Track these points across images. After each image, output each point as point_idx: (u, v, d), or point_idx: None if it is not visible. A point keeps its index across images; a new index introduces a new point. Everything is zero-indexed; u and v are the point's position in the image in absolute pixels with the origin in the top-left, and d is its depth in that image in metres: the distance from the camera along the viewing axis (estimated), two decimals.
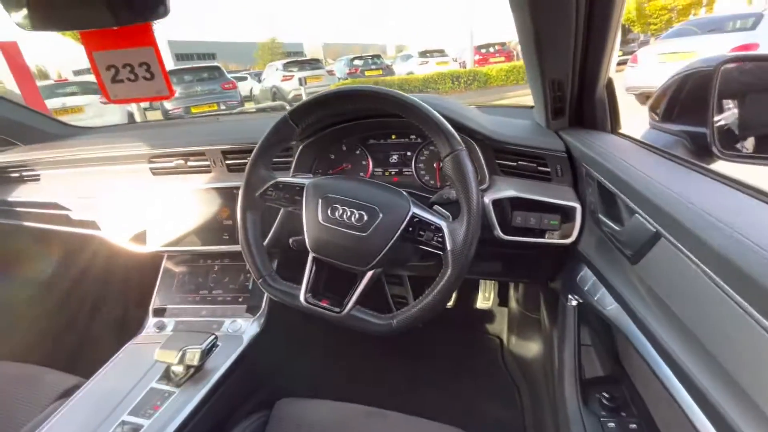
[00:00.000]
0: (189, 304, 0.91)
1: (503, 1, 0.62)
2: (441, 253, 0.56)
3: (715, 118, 0.59)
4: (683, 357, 0.38)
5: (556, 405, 0.70)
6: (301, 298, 0.61)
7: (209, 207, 0.90)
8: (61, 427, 0.67)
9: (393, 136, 0.85)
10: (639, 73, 4.15)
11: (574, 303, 0.69)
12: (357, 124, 0.82)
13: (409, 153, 0.84)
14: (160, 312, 0.91)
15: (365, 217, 0.59)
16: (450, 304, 1.31)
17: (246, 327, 0.85)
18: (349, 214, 0.59)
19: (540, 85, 0.69)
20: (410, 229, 0.58)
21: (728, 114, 0.60)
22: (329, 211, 0.60)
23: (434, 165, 0.83)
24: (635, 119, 0.89)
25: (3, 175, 1.13)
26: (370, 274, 0.60)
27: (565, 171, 0.69)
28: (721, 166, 0.56)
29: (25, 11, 0.53)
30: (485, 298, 1.30)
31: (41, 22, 0.55)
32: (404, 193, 0.61)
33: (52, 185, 1.08)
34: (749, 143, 0.60)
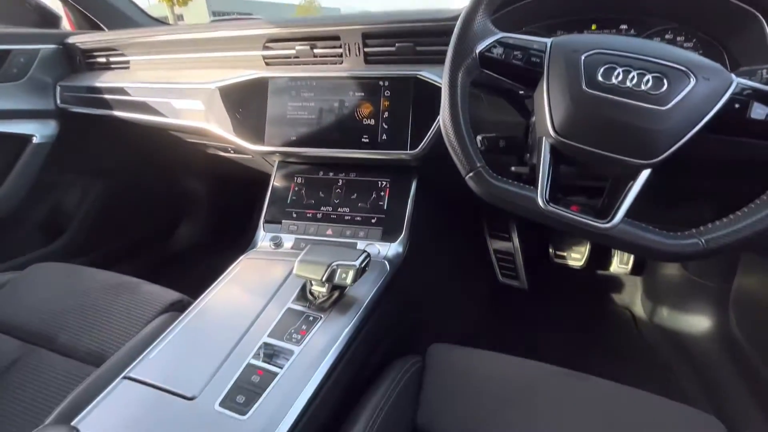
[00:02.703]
0: (309, 221, 0.74)
1: None
2: None
3: None
4: None
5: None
6: (539, 200, 0.43)
7: (345, 102, 0.71)
8: (179, 349, 0.52)
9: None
10: None
11: None
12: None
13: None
14: (274, 226, 0.75)
15: (665, 83, 0.39)
16: (580, 263, 1.11)
17: (387, 252, 0.68)
18: (637, 77, 0.39)
19: None
20: (736, 106, 0.38)
21: None
22: (601, 75, 0.41)
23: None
24: None
25: (90, 60, 0.97)
26: (646, 173, 0.40)
27: None
28: None
29: None
30: (622, 261, 1.10)
31: None
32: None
33: (144, 73, 0.92)
34: None
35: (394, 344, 0.68)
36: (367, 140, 0.70)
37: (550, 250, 1.15)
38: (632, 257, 1.09)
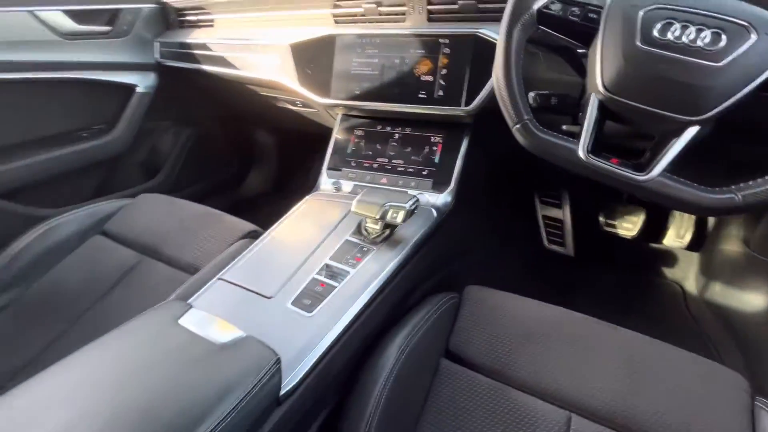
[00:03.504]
0: (366, 170, 0.82)
1: None
2: None
3: None
4: None
5: None
6: (581, 152, 0.46)
7: (405, 58, 0.76)
8: (257, 263, 0.64)
9: None
10: None
11: None
12: None
13: None
14: (335, 171, 0.84)
15: (723, 39, 0.39)
16: (632, 233, 1.10)
17: (435, 201, 0.74)
18: (695, 33, 0.40)
19: None
20: None
21: None
22: (657, 31, 0.42)
23: None
24: None
25: (181, 18, 1.10)
26: (693, 131, 0.42)
27: None
28: None
29: None
30: (679, 235, 1.07)
31: None
32: None
33: (226, 31, 1.02)
34: None
35: (436, 284, 0.75)
36: (425, 96, 0.74)
37: (601, 219, 1.14)
38: (690, 231, 1.05)
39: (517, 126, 0.50)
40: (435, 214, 0.72)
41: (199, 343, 0.43)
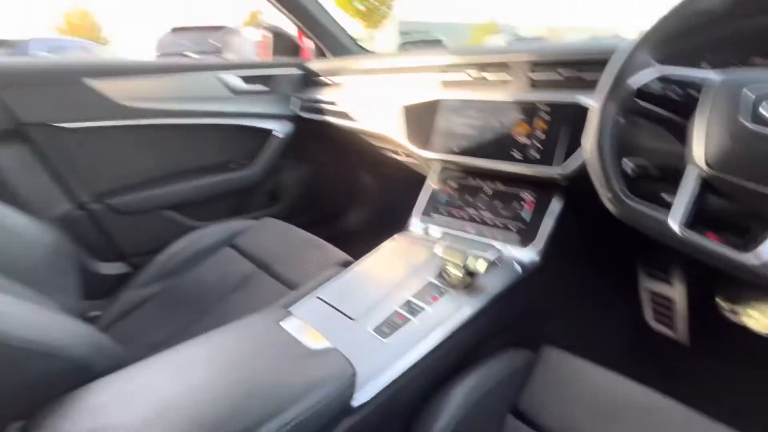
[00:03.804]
0: (455, 219, 0.87)
1: None
2: None
3: None
4: None
5: None
6: (675, 224, 0.45)
7: (503, 121, 0.82)
8: (348, 288, 0.72)
9: None
10: None
11: None
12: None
13: None
14: (426, 216, 0.91)
15: None
16: (762, 327, 0.93)
17: (520, 256, 0.75)
18: None
19: None
20: None
21: None
22: (765, 109, 0.41)
23: None
24: None
25: (316, 79, 1.35)
26: None
27: None
28: None
29: None
30: None
31: None
32: None
33: (350, 90, 1.22)
34: None
35: (513, 338, 0.74)
36: (519, 155, 0.79)
37: (721, 302, 0.99)
38: None
39: (608, 195, 0.51)
40: (519, 270, 0.73)
41: (295, 345, 0.52)
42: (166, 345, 0.58)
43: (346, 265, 0.86)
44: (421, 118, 0.96)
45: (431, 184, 0.96)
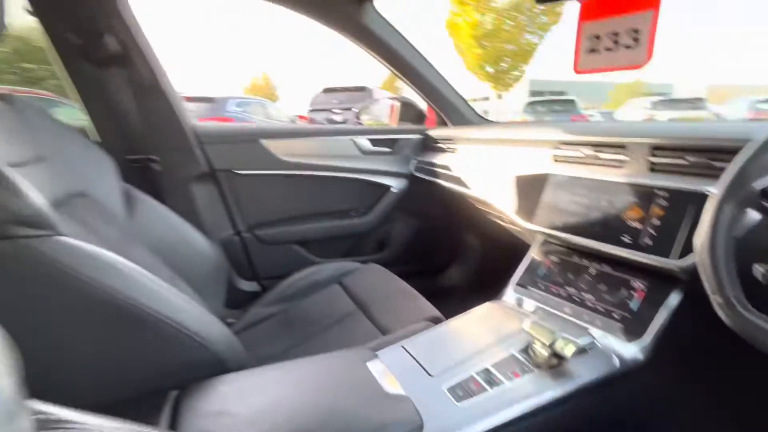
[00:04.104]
0: (552, 296, 0.85)
1: None
2: None
3: None
4: None
5: None
6: None
7: (614, 203, 0.79)
8: (432, 345, 0.76)
9: None
10: None
11: None
12: None
13: None
14: (521, 288, 0.91)
15: None
16: None
17: (620, 349, 0.69)
18: None
19: None
20: None
21: None
22: None
23: None
24: None
25: (434, 144, 1.49)
26: None
27: None
28: None
29: None
30: None
31: None
32: None
33: (462, 156, 1.32)
34: None
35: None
36: (629, 240, 0.75)
37: None
38: None
39: (719, 302, 0.47)
40: (617, 364, 0.67)
41: (374, 385, 0.59)
42: (275, 359, 0.71)
43: (435, 321, 0.91)
44: (529, 190, 0.98)
45: (532, 255, 0.96)
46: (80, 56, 1.02)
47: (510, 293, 0.92)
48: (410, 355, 0.72)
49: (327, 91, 8.31)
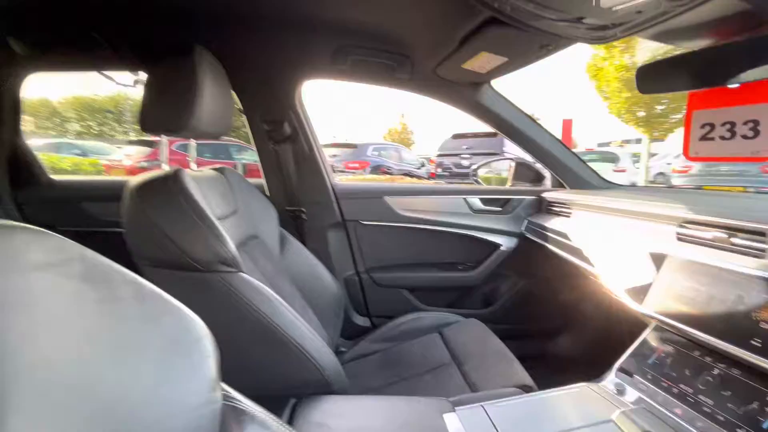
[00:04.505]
0: (660, 390, 0.77)
1: None
2: None
3: None
4: None
5: None
6: None
7: (746, 298, 0.70)
8: (514, 413, 0.78)
9: None
10: None
11: None
12: None
13: None
14: (625, 374, 0.85)
15: None
16: None
17: None
18: None
19: None
20: None
21: None
22: None
23: None
24: None
25: (548, 207, 1.48)
26: None
27: None
28: None
29: None
30: None
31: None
32: None
33: (576, 222, 1.29)
34: None
35: None
36: (760, 344, 0.65)
37: None
38: None
39: None
40: None
41: None
42: (371, 391, 0.83)
43: (525, 389, 0.91)
44: (644, 269, 0.92)
45: (645, 339, 0.88)
46: (266, 137, 1.42)
47: (611, 377, 0.86)
48: (488, 416, 0.76)
49: (456, 137, 8.69)
